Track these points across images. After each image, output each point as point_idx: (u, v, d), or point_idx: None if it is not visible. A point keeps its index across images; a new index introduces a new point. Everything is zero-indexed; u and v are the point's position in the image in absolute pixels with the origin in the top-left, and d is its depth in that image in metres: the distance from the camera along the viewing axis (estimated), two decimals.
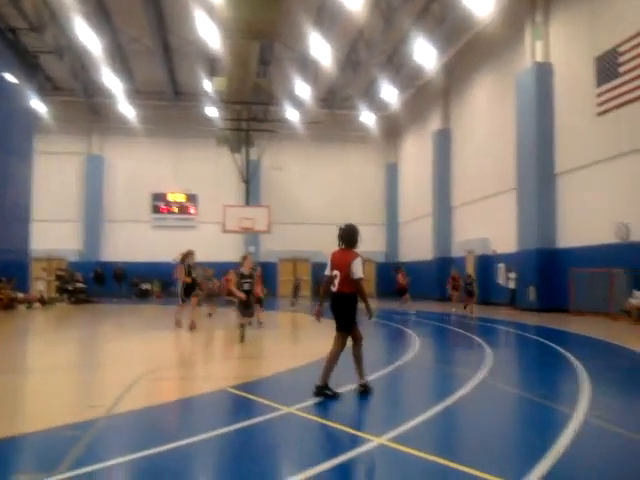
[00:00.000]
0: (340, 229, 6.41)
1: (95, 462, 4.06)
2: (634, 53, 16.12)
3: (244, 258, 11.48)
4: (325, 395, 6.05)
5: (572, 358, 8.99)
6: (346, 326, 6.32)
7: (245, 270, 11.17)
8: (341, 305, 6.26)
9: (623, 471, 4.03)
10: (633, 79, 16.19)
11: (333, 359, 6.29)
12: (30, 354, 10.83)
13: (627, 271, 15.99)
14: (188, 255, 13.14)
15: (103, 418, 5.39)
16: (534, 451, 4.32)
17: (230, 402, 6.36)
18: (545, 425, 5.19)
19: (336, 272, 6.25)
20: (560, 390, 7.17)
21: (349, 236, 6.33)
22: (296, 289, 23.04)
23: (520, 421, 5.71)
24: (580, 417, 5.24)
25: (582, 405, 5.72)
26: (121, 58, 27.34)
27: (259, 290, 13.75)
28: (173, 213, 34.09)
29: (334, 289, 6.26)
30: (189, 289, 13.32)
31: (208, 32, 21.32)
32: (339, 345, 6.35)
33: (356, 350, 6.38)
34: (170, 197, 34.08)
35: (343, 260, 6.23)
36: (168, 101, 32.47)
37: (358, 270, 6.16)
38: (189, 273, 13.13)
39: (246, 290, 10.92)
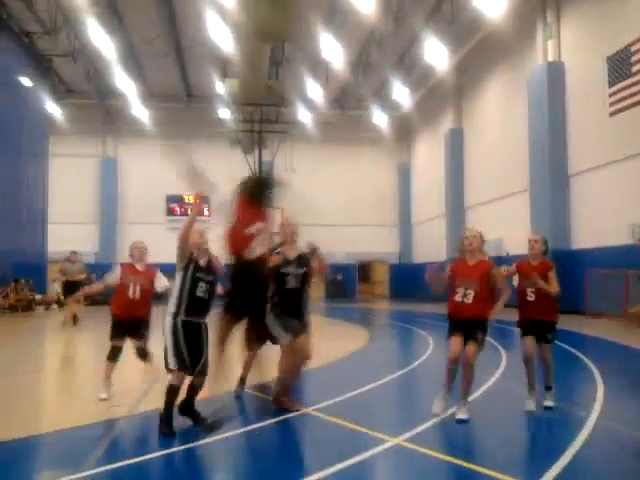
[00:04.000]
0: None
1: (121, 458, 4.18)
2: None
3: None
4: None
5: (585, 358, 9.01)
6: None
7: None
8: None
9: None
10: None
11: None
12: (52, 353, 10.98)
13: None
14: None
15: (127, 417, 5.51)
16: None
17: None
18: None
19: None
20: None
21: None
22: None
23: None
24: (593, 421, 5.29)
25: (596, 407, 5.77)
26: (134, 60, 27.52)
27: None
28: (187, 215, 34.15)
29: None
30: None
31: (220, 34, 21.42)
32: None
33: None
34: (186, 199, 34.24)
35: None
36: (181, 103, 32.65)
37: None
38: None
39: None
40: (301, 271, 5.90)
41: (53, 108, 28.77)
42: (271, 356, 6.33)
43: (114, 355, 6.57)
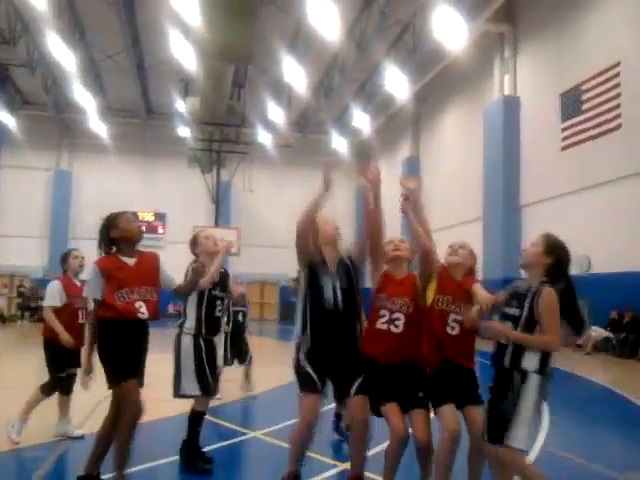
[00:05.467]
0: None
1: None
2: (595, 92, 16.72)
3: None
4: None
5: None
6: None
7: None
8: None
9: None
10: (594, 117, 16.77)
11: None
12: None
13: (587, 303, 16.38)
14: None
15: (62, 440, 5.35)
16: None
17: None
18: None
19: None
20: None
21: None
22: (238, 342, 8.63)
23: None
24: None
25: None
26: (94, 74, 27.19)
27: None
28: (141, 232, 33.63)
29: None
30: None
31: (183, 52, 21.39)
32: None
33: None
34: (141, 216, 33.72)
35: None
36: (140, 119, 32.29)
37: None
38: None
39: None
40: (345, 285, 4.20)
41: (7, 119, 28.11)
42: None
43: (56, 388, 5.58)
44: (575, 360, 13.88)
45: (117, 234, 4.17)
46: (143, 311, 3.96)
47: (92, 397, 7.06)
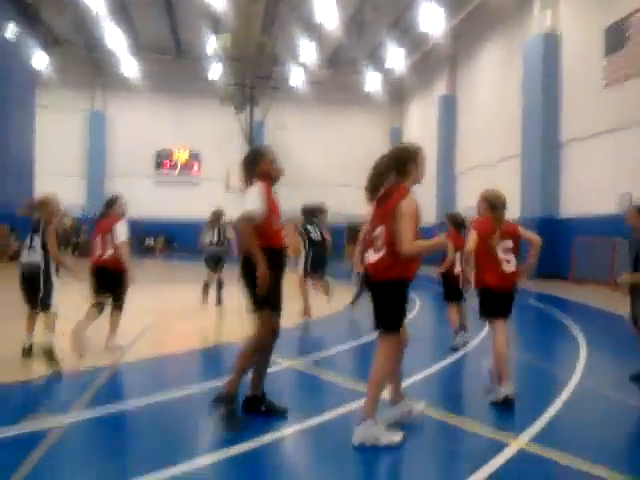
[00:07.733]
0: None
1: (105, 405, 4.28)
2: None
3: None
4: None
5: (571, 322, 9.18)
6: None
7: None
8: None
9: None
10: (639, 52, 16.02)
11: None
12: None
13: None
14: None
15: (113, 365, 5.60)
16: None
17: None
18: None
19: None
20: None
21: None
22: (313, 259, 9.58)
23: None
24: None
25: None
26: (124, 13, 26.88)
27: None
28: (176, 170, 34.18)
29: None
30: None
31: None
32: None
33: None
34: (175, 155, 34.18)
35: None
36: (171, 58, 32.06)
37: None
38: None
39: None
40: None
41: (41, 59, 28.07)
42: None
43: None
44: (614, 299, 13.78)
45: (259, 171, 4.33)
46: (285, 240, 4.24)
47: (136, 325, 7.37)
